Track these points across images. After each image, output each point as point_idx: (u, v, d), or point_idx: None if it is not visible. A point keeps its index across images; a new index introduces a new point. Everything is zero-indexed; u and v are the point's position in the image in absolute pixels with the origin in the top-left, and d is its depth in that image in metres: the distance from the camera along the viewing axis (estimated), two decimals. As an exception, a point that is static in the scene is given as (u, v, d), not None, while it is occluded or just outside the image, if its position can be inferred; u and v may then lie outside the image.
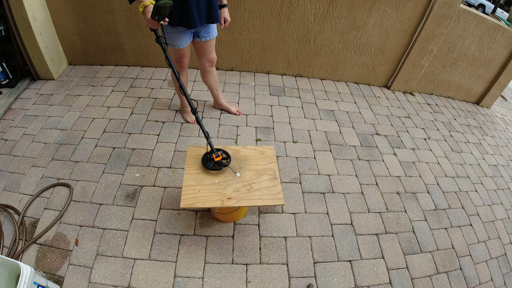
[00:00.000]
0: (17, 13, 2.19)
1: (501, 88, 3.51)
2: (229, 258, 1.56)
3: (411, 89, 3.29)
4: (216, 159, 1.44)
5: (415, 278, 1.65)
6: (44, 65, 2.51)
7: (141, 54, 2.81)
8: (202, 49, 1.93)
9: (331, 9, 2.59)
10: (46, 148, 2.01)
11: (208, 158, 1.48)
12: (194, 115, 1.53)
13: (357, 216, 1.87)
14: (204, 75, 2.15)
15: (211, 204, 1.33)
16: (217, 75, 2.21)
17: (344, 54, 2.94)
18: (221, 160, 1.45)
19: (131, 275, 1.44)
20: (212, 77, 2.16)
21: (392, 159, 2.35)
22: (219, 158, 1.45)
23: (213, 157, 1.45)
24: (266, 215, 1.77)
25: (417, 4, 2.63)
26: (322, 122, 2.54)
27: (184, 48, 1.81)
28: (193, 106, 1.53)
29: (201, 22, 1.67)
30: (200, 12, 1.62)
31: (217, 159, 1.44)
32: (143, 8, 1.39)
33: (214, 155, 1.45)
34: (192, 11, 1.57)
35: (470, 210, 2.15)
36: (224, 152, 1.51)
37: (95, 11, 2.49)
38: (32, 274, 1.11)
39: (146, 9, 1.39)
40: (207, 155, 1.49)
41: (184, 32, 1.72)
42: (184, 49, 1.83)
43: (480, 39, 2.99)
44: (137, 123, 2.25)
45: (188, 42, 1.81)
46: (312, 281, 1.53)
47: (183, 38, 1.75)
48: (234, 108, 2.45)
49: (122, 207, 1.71)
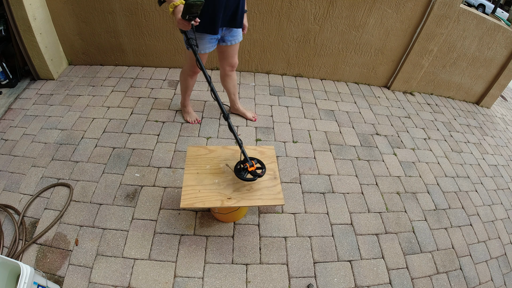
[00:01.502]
0: (17, 13, 2.19)
1: (501, 88, 3.51)
2: (229, 258, 1.56)
3: (411, 89, 3.29)
4: (250, 168, 1.35)
5: (415, 278, 1.65)
6: (44, 65, 2.51)
7: (141, 54, 2.81)
8: (225, 53, 1.90)
9: (331, 9, 2.59)
10: (46, 148, 2.01)
11: (241, 168, 1.38)
12: (227, 121, 1.43)
13: (357, 216, 1.87)
14: (224, 79, 2.12)
15: (211, 204, 1.33)
16: (236, 79, 2.19)
17: (344, 54, 2.94)
18: (255, 170, 1.36)
19: (131, 275, 1.44)
20: (231, 81, 2.14)
21: (392, 159, 2.35)
22: (253, 168, 1.35)
23: (247, 167, 1.35)
24: (266, 215, 1.77)
25: (417, 4, 2.63)
26: (322, 122, 2.54)
27: (205, 54, 1.78)
28: (226, 112, 1.44)
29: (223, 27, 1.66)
30: (225, 17, 1.60)
31: (251, 169, 1.35)
32: (173, 8, 1.34)
33: (248, 164, 1.36)
34: (218, 17, 1.54)
35: (470, 210, 2.15)
36: (258, 161, 1.42)
37: (95, 11, 2.49)
38: (32, 274, 1.11)
39: (176, 9, 1.34)
40: (240, 164, 1.40)
41: (209, 37, 1.67)
42: (206, 55, 1.80)
43: (480, 39, 2.99)
44: (137, 123, 2.25)
45: (212, 48, 1.76)
46: (312, 281, 1.53)
47: (207, 43, 1.70)
48: (250, 114, 2.41)
49: (122, 207, 1.71)
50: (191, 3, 1.21)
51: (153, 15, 2.54)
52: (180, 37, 2.70)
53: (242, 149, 1.39)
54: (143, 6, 2.47)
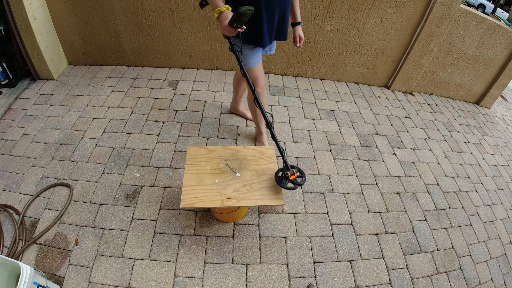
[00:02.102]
0: (17, 13, 2.19)
1: (501, 88, 3.51)
2: (229, 258, 1.56)
3: (411, 89, 3.29)
4: (291, 177, 1.36)
5: (415, 278, 1.65)
6: (44, 65, 2.51)
7: (141, 54, 2.81)
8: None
9: (331, 9, 2.59)
10: (46, 148, 2.01)
11: (283, 176, 1.39)
12: (270, 130, 1.39)
13: (357, 216, 1.87)
14: (239, 81, 2.10)
15: (211, 204, 1.33)
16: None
17: (344, 54, 2.94)
18: (296, 179, 1.37)
19: (131, 275, 1.44)
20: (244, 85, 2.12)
21: (392, 159, 2.35)
22: (294, 177, 1.36)
23: (288, 175, 1.36)
24: (266, 215, 1.77)
25: (417, 4, 2.63)
26: (322, 122, 2.54)
27: (257, 68, 1.69)
28: (269, 121, 1.40)
29: (270, 40, 1.62)
30: (271, 30, 1.57)
31: (292, 178, 1.36)
32: (218, 14, 1.30)
33: (289, 172, 1.36)
34: (263, 29, 1.51)
35: (470, 210, 2.15)
36: (299, 169, 1.43)
37: (95, 11, 2.49)
38: (32, 274, 1.11)
39: (222, 15, 1.29)
40: (281, 171, 1.41)
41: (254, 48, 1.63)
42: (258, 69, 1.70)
43: (480, 39, 2.99)
44: (137, 123, 2.25)
45: (260, 60, 1.70)
46: (312, 281, 1.53)
47: (254, 55, 1.64)
48: (250, 114, 2.39)
49: (122, 207, 1.71)
50: (241, 12, 1.16)
51: (153, 15, 2.54)
52: (180, 37, 2.70)
53: (284, 158, 1.37)
54: (143, 6, 2.47)
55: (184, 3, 2.48)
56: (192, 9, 2.52)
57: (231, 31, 1.29)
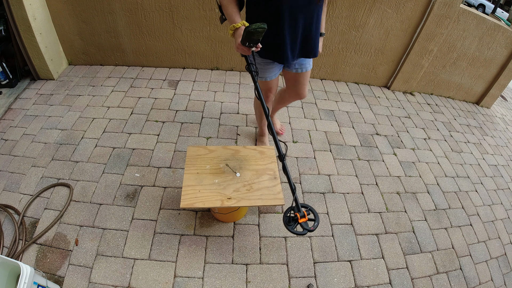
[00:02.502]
0: (17, 13, 2.19)
1: (501, 88, 3.51)
2: (229, 258, 1.56)
3: (411, 89, 3.29)
4: (301, 220, 1.18)
5: (415, 278, 1.65)
6: (44, 65, 2.51)
7: (141, 54, 2.81)
8: (292, 80, 1.67)
9: (331, 9, 2.59)
10: (46, 148, 2.01)
11: (291, 218, 1.21)
12: (282, 162, 1.24)
13: (357, 216, 1.87)
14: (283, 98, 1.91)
15: (211, 204, 1.33)
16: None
17: (344, 54, 2.94)
18: (306, 222, 1.18)
19: (131, 275, 1.44)
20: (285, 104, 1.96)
21: (392, 159, 2.35)
22: (305, 219, 1.18)
23: (297, 217, 1.18)
24: (266, 215, 1.77)
25: (417, 4, 2.63)
26: (322, 122, 2.54)
27: (272, 81, 1.59)
28: (282, 152, 1.23)
29: (294, 58, 1.44)
30: (294, 46, 1.38)
31: (302, 221, 1.18)
32: (233, 30, 1.20)
33: (298, 214, 1.18)
34: (285, 45, 1.35)
35: (470, 210, 2.15)
36: (311, 210, 1.24)
37: (95, 11, 2.49)
38: (32, 274, 1.11)
39: (236, 33, 1.19)
40: (291, 211, 1.22)
41: (273, 63, 1.50)
42: (273, 82, 1.59)
43: (480, 39, 2.99)
44: (137, 123, 2.25)
45: (277, 74, 1.59)
46: (312, 281, 1.53)
47: (272, 70, 1.53)
48: (278, 125, 2.31)
49: (122, 207, 1.71)
50: (251, 31, 1.05)
51: (153, 15, 2.54)
52: (180, 37, 2.70)
53: (295, 196, 1.21)
54: (143, 6, 2.47)
55: (184, 3, 2.48)
56: (192, 9, 2.52)
57: (245, 50, 1.18)
